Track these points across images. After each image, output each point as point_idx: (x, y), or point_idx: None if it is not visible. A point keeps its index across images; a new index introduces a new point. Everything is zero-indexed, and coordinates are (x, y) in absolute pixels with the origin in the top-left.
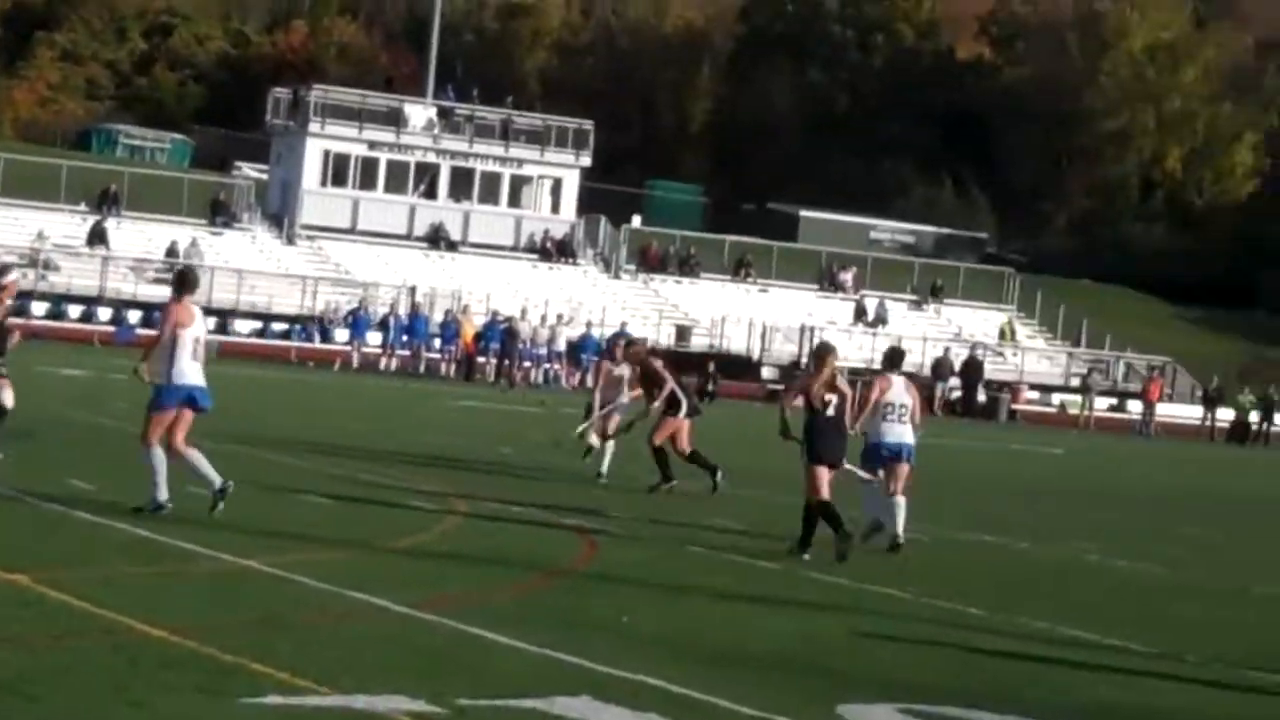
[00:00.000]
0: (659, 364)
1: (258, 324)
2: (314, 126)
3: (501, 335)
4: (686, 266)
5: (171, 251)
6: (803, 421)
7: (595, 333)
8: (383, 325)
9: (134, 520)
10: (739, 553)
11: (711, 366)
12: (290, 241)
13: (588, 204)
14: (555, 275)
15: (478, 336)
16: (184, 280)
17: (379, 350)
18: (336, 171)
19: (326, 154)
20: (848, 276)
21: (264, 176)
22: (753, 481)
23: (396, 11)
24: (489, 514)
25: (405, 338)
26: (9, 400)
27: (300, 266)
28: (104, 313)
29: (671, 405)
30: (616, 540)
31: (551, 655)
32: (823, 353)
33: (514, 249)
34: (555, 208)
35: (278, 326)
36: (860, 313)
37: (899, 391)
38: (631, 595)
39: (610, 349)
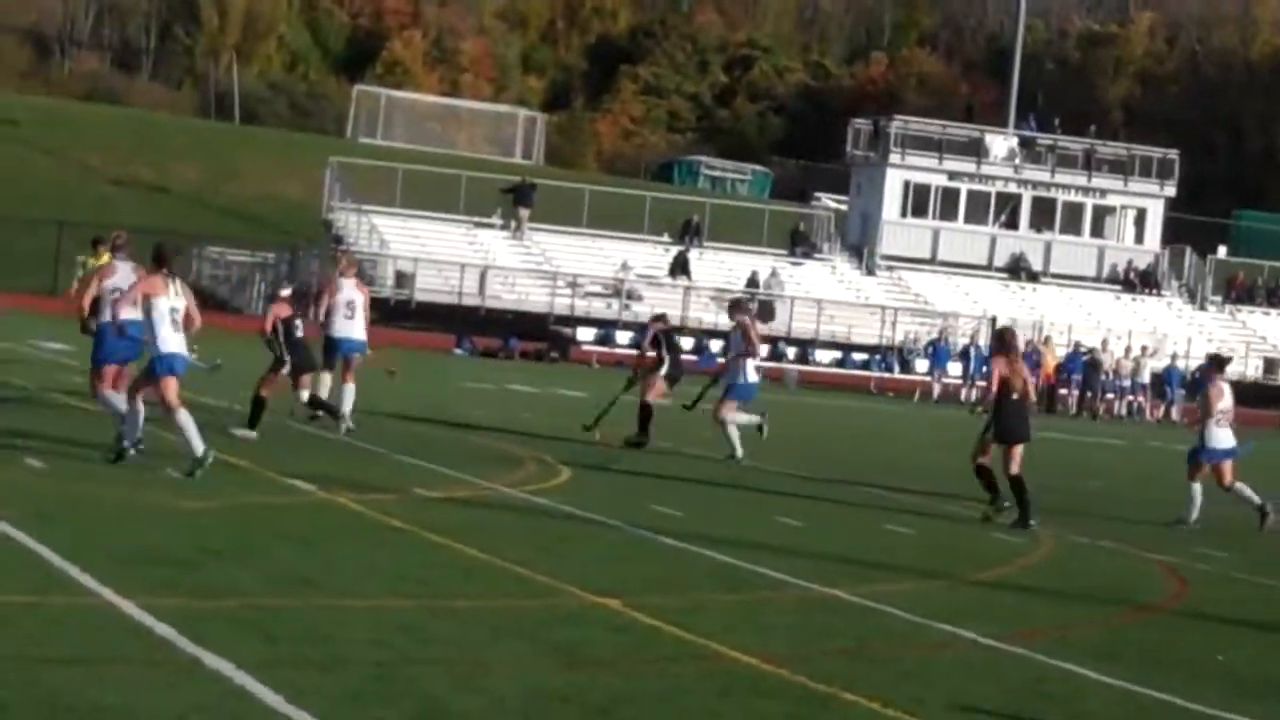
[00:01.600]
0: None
1: (837, 354)
2: (894, 157)
3: (1084, 367)
4: (1276, 298)
5: (752, 281)
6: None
7: (1180, 365)
8: (963, 356)
9: (719, 547)
10: None
11: None
12: (870, 272)
13: (1172, 234)
14: (1139, 307)
15: (1059, 368)
16: (159, 254)
17: (959, 381)
18: (916, 202)
19: (907, 185)
20: None
21: (843, 207)
22: None
23: (976, 42)
24: (1075, 547)
25: (985, 369)
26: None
27: (880, 297)
28: (685, 342)
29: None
30: (1208, 579)
31: (1141, 692)
32: (1012, 339)
33: (1096, 280)
34: (1139, 238)
35: (857, 356)
36: None
37: (1228, 398)
38: (1225, 634)
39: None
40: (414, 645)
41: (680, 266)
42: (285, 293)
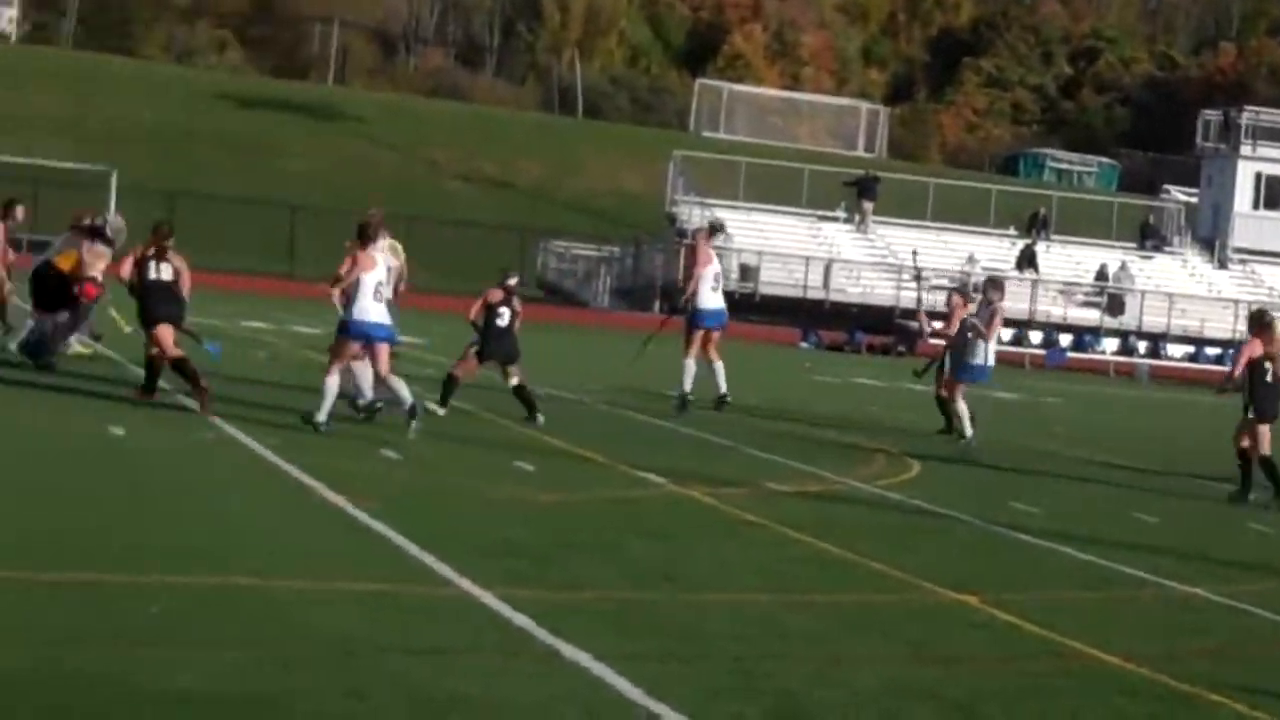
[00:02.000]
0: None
1: (1189, 348)
2: (1245, 149)
3: None
4: None
5: (1101, 275)
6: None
7: None
8: None
9: (1076, 544)
10: None
11: None
12: (1222, 265)
13: None
14: None
15: None
16: (362, 231)
17: None
18: (1269, 194)
19: (1259, 176)
20: None
21: (1193, 200)
22: None
23: None
24: None
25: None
26: None
27: (1232, 290)
28: (1034, 335)
29: None
30: None
31: None
32: (1270, 320)
33: None
34: None
35: (1210, 351)
36: None
37: None
38: None
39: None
40: (771, 640)
41: (1028, 259)
42: (512, 280)
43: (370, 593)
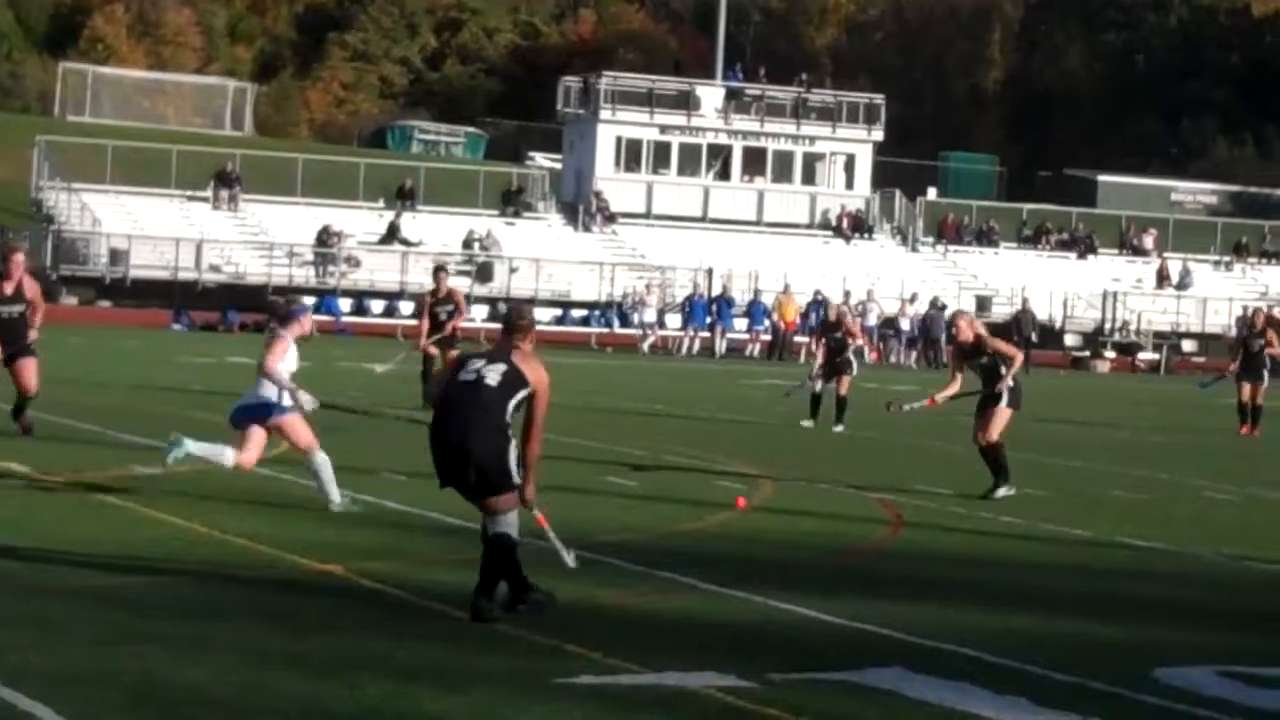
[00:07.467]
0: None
1: (557, 311)
2: (605, 113)
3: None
4: (984, 237)
5: (468, 243)
6: None
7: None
8: (686, 309)
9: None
10: (1052, 523)
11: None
12: (585, 228)
13: (881, 179)
14: (853, 251)
15: (802, 316)
16: None
17: (681, 334)
18: (629, 157)
19: (619, 140)
20: (1149, 240)
21: (558, 166)
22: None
23: None
24: (796, 491)
25: (709, 320)
26: None
27: (597, 252)
28: (406, 307)
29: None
30: (925, 512)
31: (861, 628)
32: None
33: (809, 226)
34: (849, 183)
35: (576, 313)
36: (1163, 276)
37: None
38: (936, 569)
39: None
40: (134, 621)
41: (393, 232)
42: None
43: None
